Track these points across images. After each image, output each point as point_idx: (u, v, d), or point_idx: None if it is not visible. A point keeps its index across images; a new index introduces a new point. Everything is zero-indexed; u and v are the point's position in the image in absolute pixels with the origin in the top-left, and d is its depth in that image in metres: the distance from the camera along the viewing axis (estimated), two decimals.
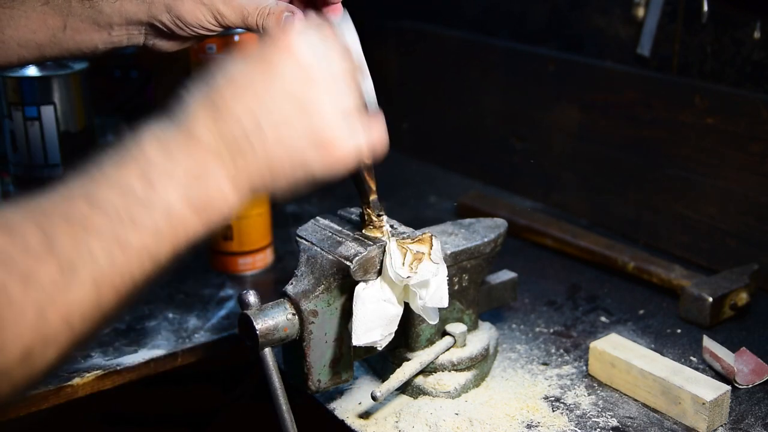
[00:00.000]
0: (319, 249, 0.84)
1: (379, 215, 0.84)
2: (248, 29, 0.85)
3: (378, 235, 0.83)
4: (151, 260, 0.59)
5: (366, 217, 0.84)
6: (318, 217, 0.88)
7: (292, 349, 0.85)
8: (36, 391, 0.90)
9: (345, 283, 0.82)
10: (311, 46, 0.66)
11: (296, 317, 0.82)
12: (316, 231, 0.86)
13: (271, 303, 0.82)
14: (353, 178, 0.82)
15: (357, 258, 0.79)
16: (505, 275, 1.05)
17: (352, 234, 0.84)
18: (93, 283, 0.55)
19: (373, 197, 0.83)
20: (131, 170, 0.59)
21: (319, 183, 0.69)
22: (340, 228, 0.86)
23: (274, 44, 0.67)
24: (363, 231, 0.84)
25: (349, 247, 0.81)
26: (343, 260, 0.80)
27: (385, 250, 0.80)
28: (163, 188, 0.59)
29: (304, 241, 0.86)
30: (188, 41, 0.90)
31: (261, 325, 0.80)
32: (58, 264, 0.54)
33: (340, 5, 0.87)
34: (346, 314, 0.84)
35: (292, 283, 0.84)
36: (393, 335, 0.82)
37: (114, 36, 0.88)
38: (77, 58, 0.90)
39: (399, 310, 0.82)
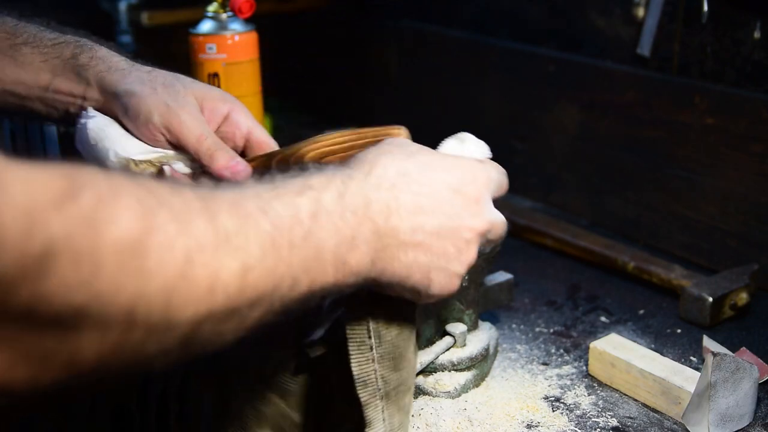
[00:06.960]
0: None
1: None
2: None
3: None
4: (291, 284, 0.59)
5: None
6: None
7: None
8: None
9: None
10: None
11: None
12: None
13: None
14: None
15: None
16: (501, 276, 1.05)
17: None
18: (241, 264, 0.54)
19: None
20: (304, 202, 0.61)
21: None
22: None
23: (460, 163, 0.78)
24: None
25: None
26: None
27: None
28: (324, 231, 0.61)
29: None
30: None
31: None
32: (215, 229, 0.53)
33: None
34: None
35: None
36: None
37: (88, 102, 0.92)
38: (45, 118, 0.93)
39: None
